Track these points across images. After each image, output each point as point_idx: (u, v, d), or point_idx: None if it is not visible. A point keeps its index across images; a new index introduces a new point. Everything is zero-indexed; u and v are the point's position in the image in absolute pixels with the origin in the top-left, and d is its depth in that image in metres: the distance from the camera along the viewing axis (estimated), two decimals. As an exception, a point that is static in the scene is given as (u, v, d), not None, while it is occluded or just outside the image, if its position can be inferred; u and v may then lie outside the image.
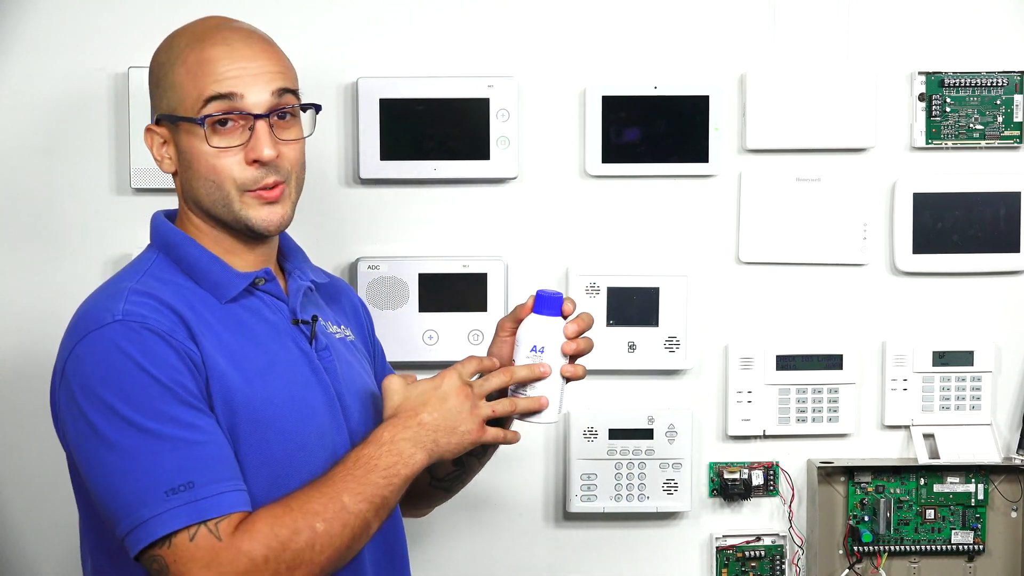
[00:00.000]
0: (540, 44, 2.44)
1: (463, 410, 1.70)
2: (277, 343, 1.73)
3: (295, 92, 1.73)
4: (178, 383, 1.59)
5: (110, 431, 1.57)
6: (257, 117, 1.68)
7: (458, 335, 2.41)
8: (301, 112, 1.74)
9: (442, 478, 1.94)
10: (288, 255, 1.83)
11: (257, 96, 1.68)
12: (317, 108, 1.77)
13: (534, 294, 1.77)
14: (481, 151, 2.40)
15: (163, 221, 1.76)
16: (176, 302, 1.65)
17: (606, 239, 2.46)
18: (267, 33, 1.76)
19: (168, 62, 1.71)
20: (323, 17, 2.41)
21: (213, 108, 1.67)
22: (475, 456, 1.91)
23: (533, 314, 1.77)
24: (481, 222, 2.45)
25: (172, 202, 1.81)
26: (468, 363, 1.74)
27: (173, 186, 1.77)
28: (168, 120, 1.71)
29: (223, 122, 1.67)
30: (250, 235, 1.73)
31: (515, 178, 2.44)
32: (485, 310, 2.41)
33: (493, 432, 1.73)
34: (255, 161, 1.68)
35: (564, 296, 1.77)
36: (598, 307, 2.43)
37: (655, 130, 2.43)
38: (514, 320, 1.81)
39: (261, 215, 1.70)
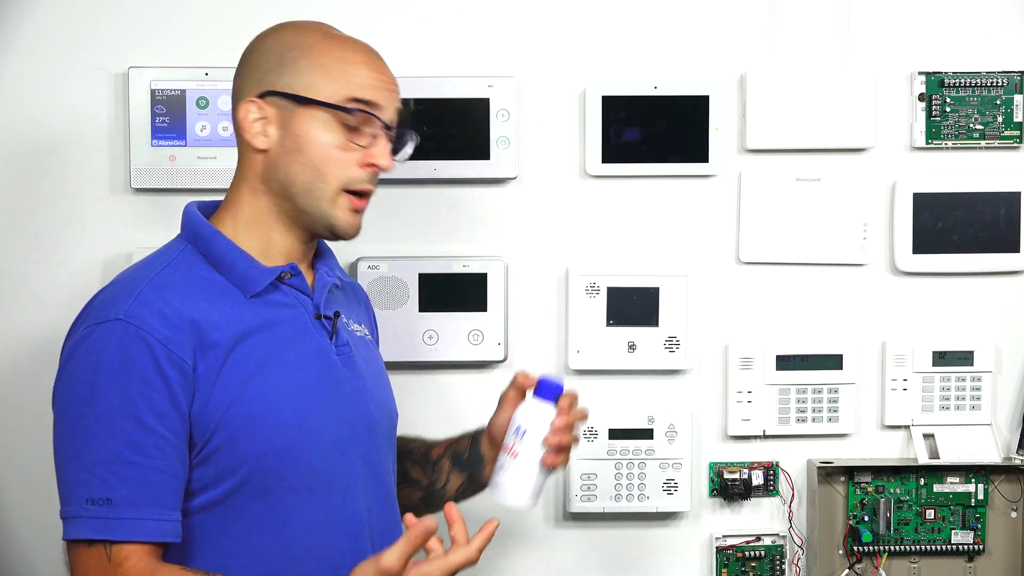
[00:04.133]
0: (540, 44, 2.44)
1: None
2: (296, 337, 1.74)
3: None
4: (146, 398, 1.60)
5: (67, 423, 1.62)
6: (388, 129, 1.73)
7: (458, 335, 2.41)
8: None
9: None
10: (321, 255, 1.85)
11: (390, 111, 1.74)
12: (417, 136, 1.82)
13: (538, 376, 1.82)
14: (481, 151, 2.40)
15: (195, 213, 1.76)
16: (189, 303, 1.66)
17: (606, 239, 2.46)
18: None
19: (301, 45, 1.73)
20: (322, 17, 2.40)
21: (355, 108, 1.71)
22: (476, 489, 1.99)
23: (532, 397, 1.81)
24: (481, 222, 2.45)
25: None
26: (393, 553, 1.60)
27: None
28: (289, 99, 1.71)
29: (355, 124, 1.71)
30: (323, 234, 1.76)
31: (515, 178, 2.44)
32: (485, 310, 2.41)
33: None
34: (372, 166, 1.72)
35: (564, 389, 1.80)
36: (598, 307, 2.43)
37: (655, 130, 2.43)
38: (515, 390, 1.88)
39: (349, 219, 1.74)
